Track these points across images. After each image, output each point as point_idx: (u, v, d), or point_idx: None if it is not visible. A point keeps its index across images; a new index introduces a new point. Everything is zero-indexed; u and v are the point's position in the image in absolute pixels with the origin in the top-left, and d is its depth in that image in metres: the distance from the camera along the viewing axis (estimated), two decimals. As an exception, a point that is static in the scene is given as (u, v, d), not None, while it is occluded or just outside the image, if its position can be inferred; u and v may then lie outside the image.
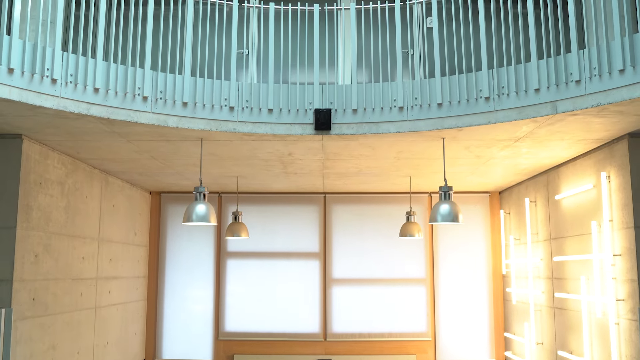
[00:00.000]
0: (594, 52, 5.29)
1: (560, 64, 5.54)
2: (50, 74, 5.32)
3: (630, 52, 5.00)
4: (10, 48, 5.02)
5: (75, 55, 5.55)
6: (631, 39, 5.03)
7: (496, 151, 7.34)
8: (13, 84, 5.05)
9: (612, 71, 5.13)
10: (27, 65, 5.15)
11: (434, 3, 6.49)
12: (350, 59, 8.21)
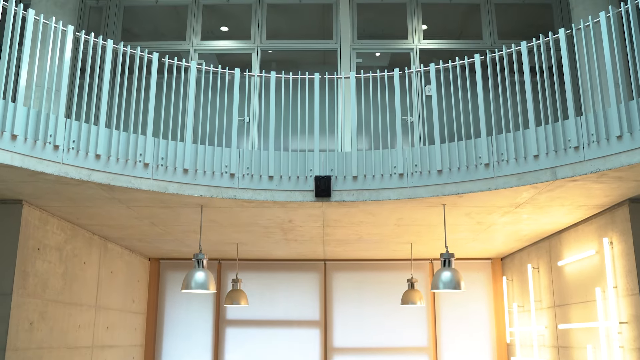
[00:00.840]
0: (591, 119, 5.35)
1: (559, 130, 5.59)
2: (53, 140, 5.36)
3: (627, 119, 5.06)
4: (14, 115, 5.08)
5: (78, 122, 5.61)
6: (627, 105, 5.10)
7: (497, 217, 7.32)
8: (16, 150, 5.08)
9: (610, 137, 5.17)
10: (30, 132, 5.20)
11: (432, 71, 6.61)
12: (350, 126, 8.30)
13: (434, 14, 9.82)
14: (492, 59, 6.52)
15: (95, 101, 5.87)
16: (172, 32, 9.99)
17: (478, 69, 6.37)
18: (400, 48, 9.66)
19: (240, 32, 9.83)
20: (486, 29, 9.59)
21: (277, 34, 9.80)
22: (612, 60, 5.43)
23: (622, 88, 5.20)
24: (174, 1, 9.78)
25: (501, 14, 9.69)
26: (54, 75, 5.62)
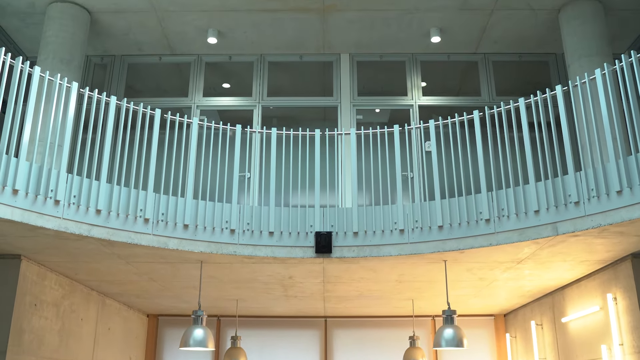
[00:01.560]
0: (591, 174, 5.37)
1: (558, 185, 5.61)
2: (54, 195, 5.37)
3: (626, 174, 5.08)
4: (17, 170, 5.11)
5: (79, 177, 5.63)
6: (626, 161, 5.13)
7: (499, 273, 7.26)
8: (17, 204, 5.09)
9: (610, 192, 5.18)
10: (31, 186, 5.22)
11: (431, 128, 6.68)
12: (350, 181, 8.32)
13: (432, 71, 9.99)
14: (491, 115, 6.60)
15: (97, 156, 5.91)
16: (175, 89, 10.15)
17: (477, 125, 6.44)
18: (399, 105, 9.80)
19: (242, 89, 9.99)
20: (484, 86, 9.74)
21: (278, 91, 9.95)
22: (609, 115, 5.49)
23: (620, 143, 5.25)
24: (177, 59, 9.98)
25: (499, 71, 9.86)
26: (57, 130, 5.68)
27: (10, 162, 5.09)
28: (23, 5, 8.62)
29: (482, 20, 9.03)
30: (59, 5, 8.49)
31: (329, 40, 9.59)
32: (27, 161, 5.34)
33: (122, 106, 6.32)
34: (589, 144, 5.55)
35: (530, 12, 8.79)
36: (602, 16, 8.35)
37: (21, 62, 5.45)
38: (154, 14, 8.89)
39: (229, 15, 8.94)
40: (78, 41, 8.48)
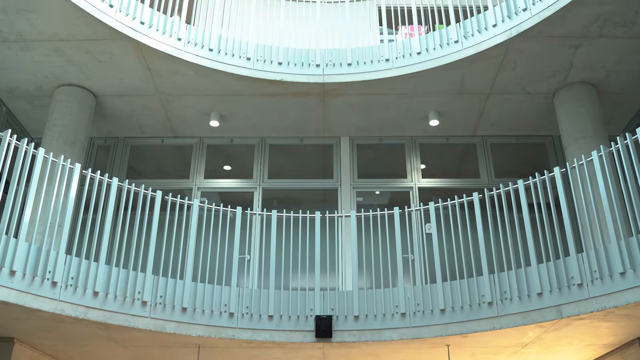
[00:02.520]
0: (593, 256, 5.34)
1: (561, 267, 5.56)
2: (51, 277, 5.32)
3: (629, 255, 5.05)
4: (15, 251, 5.08)
5: (78, 259, 5.60)
6: (627, 242, 5.10)
7: (503, 358, 7.08)
8: (13, 286, 5.03)
9: (613, 274, 5.13)
10: (29, 268, 5.17)
11: (431, 210, 6.69)
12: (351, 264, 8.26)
13: (431, 154, 10.11)
14: (491, 197, 6.63)
15: (97, 237, 5.89)
16: (177, 171, 10.24)
17: (477, 207, 6.45)
18: (399, 187, 9.86)
19: (243, 171, 10.07)
20: (483, 168, 9.83)
21: (278, 173, 10.04)
22: (607, 197, 5.52)
23: (620, 224, 5.24)
24: (179, 141, 10.12)
25: (497, 152, 9.98)
26: (58, 211, 5.69)
27: (9, 243, 5.07)
28: (32, 89, 8.82)
29: (479, 104, 9.22)
30: (66, 88, 8.70)
31: (329, 124, 9.76)
32: (27, 242, 5.32)
33: (123, 188, 6.36)
34: (590, 225, 5.54)
35: (526, 96, 8.99)
36: (596, 99, 8.54)
37: (26, 144, 5.52)
38: (157, 97, 9.09)
39: (231, 100, 9.14)
40: (83, 123, 8.63)
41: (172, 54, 8.21)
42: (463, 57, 8.25)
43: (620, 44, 7.88)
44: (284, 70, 8.71)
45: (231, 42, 8.63)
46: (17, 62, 8.28)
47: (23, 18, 7.53)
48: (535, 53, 8.11)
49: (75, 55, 8.18)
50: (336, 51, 8.86)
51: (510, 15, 7.95)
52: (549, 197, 6.06)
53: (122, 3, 7.92)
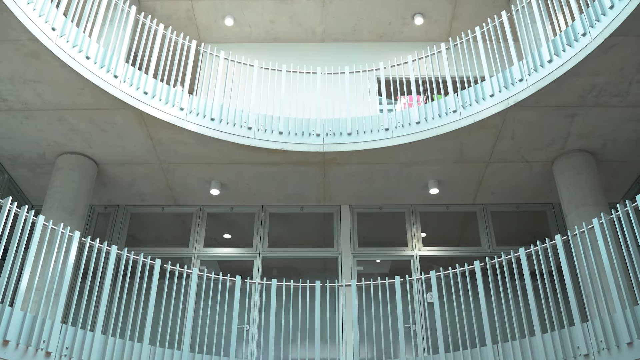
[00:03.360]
0: (598, 325, 5.24)
1: (566, 337, 5.46)
2: (46, 347, 5.21)
3: (635, 324, 4.96)
4: (10, 320, 5.00)
5: (73, 328, 5.49)
6: (633, 311, 5.02)
7: None
8: (5, 356, 4.92)
9: (620, 344, 5.02)
10: (23, 337, 5.07)
11: (433, 279, 6.63)
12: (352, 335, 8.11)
13: (432, 222, 10.10)
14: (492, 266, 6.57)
15: (94, 306, 5.81)
16: (176, 239, 10.20)
17: (479, 275, 6.39)
18: (400, 255, 9.79)
19: (243, 239, 10.03)
20: (484, 236, 9.79)
21: (278, 241, 9.99)
22: (610, 265, 5.47)
23: (625, 292, 5.17)
24: (180, 209, 10.13)
25: (497, 220, 9.97)
26: (56, 279, 5.62)
27: (4, 312, 4.99)
28: (34, 156, 8.90)
29: (478, 172, 9.27)
30: (68, 156, 8.78)
31: (329, 192, 9.79)
32: (22, 310, 5.24)
33: (122, 256, 6.32)
34: (594, 294, 5.47)
35: (524, 164, 9.05)
36: (594, 167, 8.59)
37: (26, 211, 5.53)
38: (159, 166, 9.15)
39: (232, 168, 9.20)
40: (83, 191, 8.66)
41: (175, 123, 8.32)
42: (461, 126, 8.35)
43: (615, 113, 8.00)
44: (285, 139, 8.81)
45: (232, 112, 8.77)
46: (21, 130, 8.39)
47: (29, 88, 7.68)
48: (533, 122, 8.22)
49: (78, 124, 8.29)
50: (336, 121, 8.99)
51: (507, 86, 8.10)
52: (551, 265, 6.00)
53: (126, 73, 8.09)
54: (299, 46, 12.01)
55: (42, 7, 7.14)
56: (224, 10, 11.38)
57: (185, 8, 11.30)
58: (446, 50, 9.39)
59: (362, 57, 11.39)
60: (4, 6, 6.61)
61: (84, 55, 7.63)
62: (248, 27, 11.73)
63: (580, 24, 7.37)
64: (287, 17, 11.53)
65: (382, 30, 11.77)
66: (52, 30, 7.23)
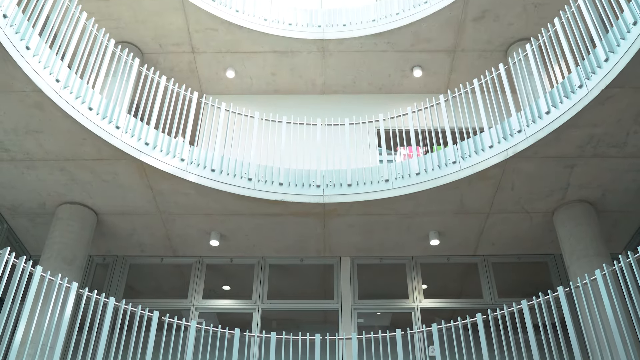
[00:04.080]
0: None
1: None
2: (40, 402, 5.09)
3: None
4: (3, 373, 4.90)
5: (68, 382, 5.39)
6: None
7: None
8: (-2, 411, 4.81)
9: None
10: (17, 392, 4.97)
11: (434, 331, 6.54)
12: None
13: (433, 274, 10.02)
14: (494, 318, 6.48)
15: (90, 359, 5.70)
16: (175, 290, 10.10)
17: (481, 328, 6.30)
18: (401, 307, 9.68)
19: (242, 291, 9.93)
20: (485, 288, 9.70)
21: (278, 293, 9.89)
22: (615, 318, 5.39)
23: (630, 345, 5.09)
24: (179, 260, 10.06)
25: (499, 272, 9.89)
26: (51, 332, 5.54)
27: (-2, 365, 4.90)
28: (34, 206, 8.89)
29: (479, 223, 9.25)
30: (68, 206, 8.77)
31: (329, 244, 9.74)
32: (16, 364, 5.15)
33: (119, 307, 6.24)
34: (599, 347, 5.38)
35: (525, 215, 9.04)
36: (595, 218, 8.58)
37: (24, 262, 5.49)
38: (158, 216, 9.14)
39: (232, 219, 9.18)
40: (83, 241, 8.62)
41: (175, 174, 8.35)
42: (461, 177, 8.38)
43: (614, 164, 8.04)
44: (285, 190, 8.82)
45: (233, 163, 8.81)
46: (22, 180, 8.41)
47: (32, 138, 7.74)
48: (532, 173, 8.25)
49: (79, 174, 8.32)
50: (336, 172, 9.02)
51: (505, 137, 8.17)
52: (555, 317, 5.93)
53: (128, 124, 8.17)
54: (299, 98, 12.15)
55: (47, 59, 7.26)
56: (226, 63, 11.58)
57: (187, 60, 11.50)
58: (445, 102, 9.51)
59: (362, 109, 11.52)
60: (10, 59, 6.73)
61: (87, 106, 7.72)
62: (249, 79, 11.91)
63: (576, 76, 7.49)
64: (288, 69, 11.70)
65: (381, 82, 11.94)
66: (56, 82, 7.33)
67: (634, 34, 6.61)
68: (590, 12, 7.53)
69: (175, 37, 11.10)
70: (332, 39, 11.25)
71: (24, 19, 6.95)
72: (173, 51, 11.35)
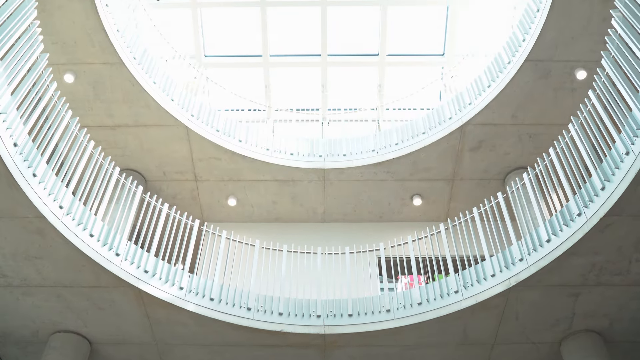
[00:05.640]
0: None
1: None
2: None
3: None
4: None
5: None
6: None
7: None
8: None
9: None
10: None
11: None
12: None
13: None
14: None
15: None
16: None
17: None
18: None
19: None
20: None
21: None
22: None
23: None
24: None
25: None
26: None
27: None
28: (27, 334, 8.65)
29: (483, 354, 8.94)
30: (62, 335, 8.54)
31: (330, 376, 9.40)
32: None
33: None
34: None
35: (531, 346, 8.77)
36: (603, 348, 8.31)
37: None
38: (154, 346, 8.86)
39: (230, 350, 8.89)
40: (74, 372, 8.35)
41: (173, 302, 8.25)
42: (464, 307, 8.26)
43: (618, 292, 7.94)
44: (285, 320, 8.66)
45: (232, 292, 8.72)
46: (16, 306, 8.27)
47: (30, 264, 7.71)
48: (536, 302, 8.13)
49: (75, 302, 8.20)
50: (337, 301, 8.88)
51: (507, 266, 8.13)
52: None
53: (128, 252, 8.17)
54: (300, 226, 12.21)
55: (52, 186, 7.38)
56: (228, 191, 11.75)
57: (190, 188, 11.68)
58: (445, 231, 9.54)
59: (363, 237, 11.52)
60: (16, 185, 6.86)
61: (88, 232, 7.75)
62: (250, 207, 12.02)
63: (574, 204, 7.58)
64: (289, 197, 11.85)
65: (381, 210, 12.05)
66: (59, 209, 7.42)
67: (627, 163, 6.78)
68: (584, 141, 7.76)
69: (179, 165, 11.35)
70: (333, 168, 11.49)
71: (33, 147, 7.16)
72: (176, 179, 11.57)
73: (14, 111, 6.88)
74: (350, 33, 13.38)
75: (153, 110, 10.67)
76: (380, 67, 13.59)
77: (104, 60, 10.13)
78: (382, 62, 13.48)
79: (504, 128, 10.82)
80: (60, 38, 9.81)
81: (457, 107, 11.05)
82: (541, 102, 10.45)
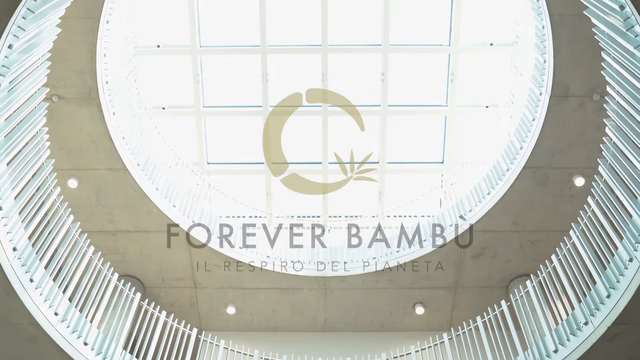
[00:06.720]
0: None
1: None
2: None
3: None
4: None
5: None
6: None
7: None
8: None
9: None
10: None
11: None
12: None
13: None
14: None
15: None
16: None
17: None
18: None
19: None
20: None
21: None
22: None
23: None
24: None
25: None
26: None
27: None
28: None
29: None
30: None
31: None
32: None
33: None
34: None
35: None
36: None
37: None
38: None
39: None
40: None
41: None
42: None
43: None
44: None
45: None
46: None
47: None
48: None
49: None
50: None
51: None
52: None
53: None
54: (300, 335, 11.89)
55: (49, 292, 7.26)
56: (227, 299, 11.54)
57: (189, 295, 11.48)
58: (448, 340, 9.28)
59: (364, 347, 11.18)
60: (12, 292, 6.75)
61: (83, 341, 7.55)
62: (250, 315, 11.76)
63: (580, 312, 7.40)
64: (289, 306, 11.62)
65: (383, 319, 11.78)
66: (54, 315, 7.25)
67: (631, 270, 6.69)
68: (585, 248, 7.70)
69: (178, 272, 11.21)
70: (334, 276, 11.34)
71: (32, 251, 7.11)
72: (175, 286, 11.39)
73: (15, 215, 6.90)
74: (350, 141, 13.59)
75: (154, 216, 10.68)
76: (381, 174, 13.73)
77: (108, 166, 10.26)
78: (383, 169, 13.64)
79: (505, 235, 10.78)
80: (66, 144, 9.98)
81: (457, 214, 11.07)
82: (541, 209, 10.48)
